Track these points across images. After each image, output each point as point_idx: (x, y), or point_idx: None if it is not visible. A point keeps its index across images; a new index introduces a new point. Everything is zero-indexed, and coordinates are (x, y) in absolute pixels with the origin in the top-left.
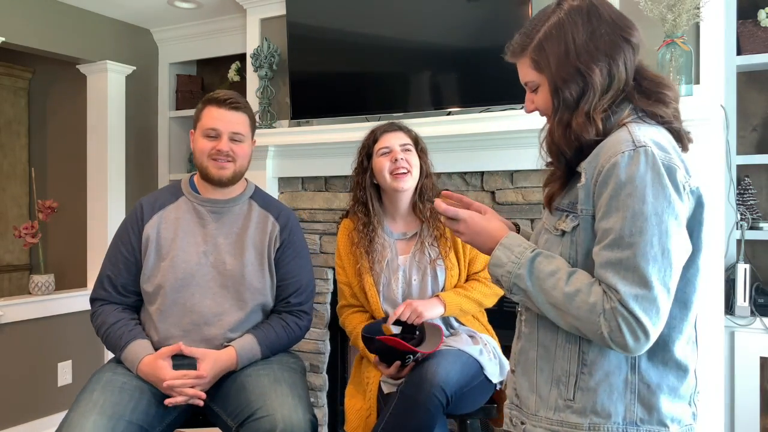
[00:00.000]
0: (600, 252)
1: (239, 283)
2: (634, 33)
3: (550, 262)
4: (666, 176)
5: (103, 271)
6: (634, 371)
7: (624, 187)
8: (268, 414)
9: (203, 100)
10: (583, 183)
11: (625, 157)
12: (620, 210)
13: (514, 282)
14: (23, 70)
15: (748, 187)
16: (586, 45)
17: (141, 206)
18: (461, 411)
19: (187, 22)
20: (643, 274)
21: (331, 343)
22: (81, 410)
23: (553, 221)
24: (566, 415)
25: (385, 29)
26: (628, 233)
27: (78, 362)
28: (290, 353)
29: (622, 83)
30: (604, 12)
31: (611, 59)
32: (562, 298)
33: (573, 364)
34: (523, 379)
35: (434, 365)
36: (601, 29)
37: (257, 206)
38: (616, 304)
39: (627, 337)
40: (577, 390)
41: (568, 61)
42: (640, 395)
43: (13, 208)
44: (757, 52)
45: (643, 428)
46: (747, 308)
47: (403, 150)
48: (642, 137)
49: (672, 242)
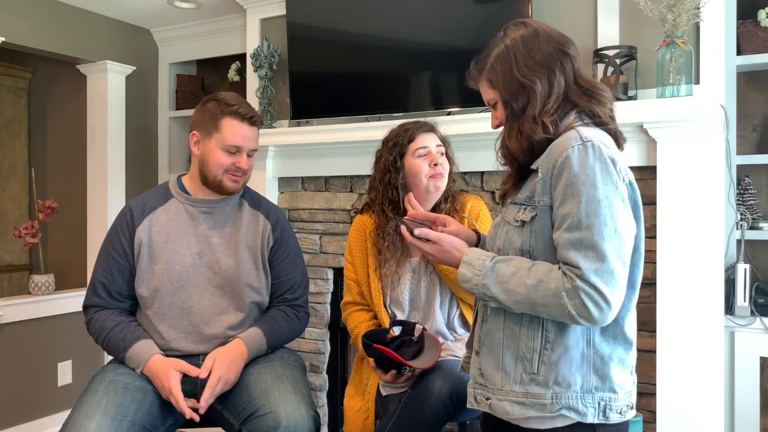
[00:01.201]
0: (561, 234)
1: (235, 282)
2: (569, 47)
3: (509, 265)
4: (611, 165)
5: (95, 277)
6: (590, 345)
7: (577, 176)
8: (271, 411)
9: (223, 109)
10: (540, 177)
11: (575, 150)
12: (575, 196)
13: (482, 292)
14: (23, 70)
15: (748, 187)
16: (525, 61)
17: (130, 210)
18: (460, 420)
19: (187, 22)
20: (600, 250)
21: (331, 343)
22: (84, 411)
23: (512, 213)
24: (531, 387)
25: (385, 29)
26: (584, 216)
27: (78, 362)
28: (290, 351)
29: (562, 88)
30: (542, 32)
31: (549, 70)
32: (527, 292)
33: (536, 341)
34: (489, 358)
35: (441, 379)
36: (538, 47)
37: (247, 205)
38: (576, 281)
39: (591, 310)
40: (541, 364)
41: (513, 77)
42: (594, 366)
43: (13, 208)
44: (757, 52)
45: (597, 395)
46: (747, 308)
47: (439, 153)
48: (588, 134)
49: (621, 222)
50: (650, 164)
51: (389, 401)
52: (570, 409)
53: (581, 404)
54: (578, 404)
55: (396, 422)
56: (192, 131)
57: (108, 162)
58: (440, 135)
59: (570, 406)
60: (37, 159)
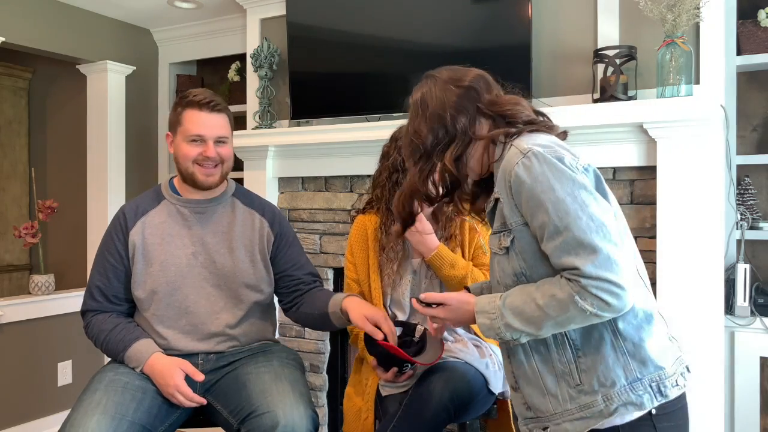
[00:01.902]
0: (546, 245)
1: (231, 281)
2: (465, 79)
3: (517, 296)
4: (558, 162)
5: (92, 282)
6: (617, 336)
7: (533, 188)
8: (269, 410)
9: (180, 102)
10: (504, 202)
11: (520, 165)
12: (541, 206)
13: (508, 333)
14: (23, 70)
15: (748, 187)
16: (424, 117)
17: (123, 214)
18: (461, 421)
19: (187, 22)
20: (587, 243)
21: (331, 343)
22: (84, 410)
23: (495, 244)
24: (581, 399)
25: (385, 29)
26: (557, 219)
27: (78, 362)
28: (289, 350)
29: (465, 127)
30: (439, 83)
31: (442, 121)
32: (545, 312)
33: (568, 353)
34: (531, 389)
35: (442, 381)
36: (432, 99)
37: (240, 204)
38: (581, 281)
39: (609, 300)
40: (581, 373)
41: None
42: (630, 354)
43: (13, 208)
44: (757, 52)
45: (645, 379)
46: (747, 308)
47: None
48: (525, 145)
49: (593, 207)
50: (650, 164)
51: (389, 402)
52: (626, 404)
53: (634, 395)
54: (631, 396)
55: (397, 424)
56: (167, 133)
57: (108, 162)
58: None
59: (624, 401)
60: (37, 159)
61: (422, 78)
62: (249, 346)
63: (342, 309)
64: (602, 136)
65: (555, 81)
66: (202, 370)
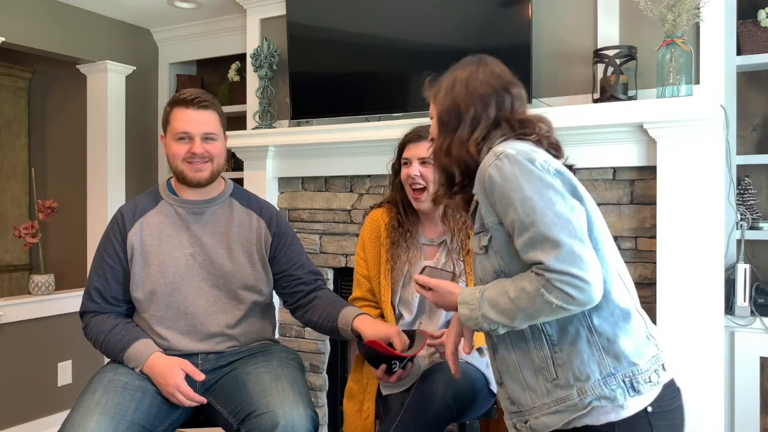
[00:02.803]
0: (516, 241)
1: (230, 281)
2: (513, 87)
3: (493, 288)
4: (528, 164)
5: (90, 283)
6: (592, 332)
7: (503, 187)
8: (269, 410)
9: (169, 102)
10: (481, 202)
11: (493, 167)
12: (511, 204)
13: (485, 323)
14: (23, 70)
15: (748, 187)
16: (466, 88)
17: (121, 215)
18: (462, 420)
19: (187, 22)
20: (551, 238)
21: (331, 343)
22: (83, 410)
23: (476, 244)
24: (557, 393)
25: (385, 29)
26: (524, 216)
27: (78, 362)
28: (289, 350)
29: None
30: (491, 69)
31: (484, 102)
32: (516, 305)
33: (545, 348)
34: (513, 384)
35: (445, 380)
36: (480, 79)
37: (238, 204)
38: (546, 274)
39: (572, 293)
40: (557, 368)
41: (452, 98)
42: (604, 349)
43: (13, 208)
44: (757, 52)
45: (619, 374)
46: (747, 308)
47: (422, 164)
48: (500, 149)
49: (558, 206)
50: (650, 164)
51: (390, 401)
52: (599, 398)
53: (607, 390)
54: (604, 390)
55: (399, 424)
56: (161, 134)
57: (108, 162)
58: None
59: (597, 395)
60: (37, 159)
61: (472, 58)
62: (248, 346)
63: (353, 329)
64: (602, 136)
65: (555, 81)
66: (202, 370)
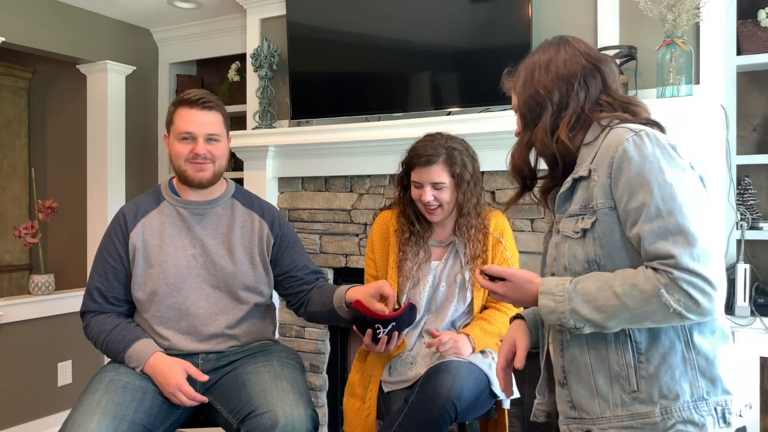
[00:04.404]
0: (642, 227)
1: (231, 282)
2: (603, 64)
3: (591, 281)
4: (671, 149)
5: (91, 283)
6: (689, 347)
7: (641, 165)
8: (269, 410)
9: (174, 102)
10: (597, 180)
11: (630, 142)
12: (645, 185)
13: (572, 319)
14: (23, 70)
15: (748, 187)
16: (548, 73)
17: (123, 215)
18: (463, 420)
19: (187, 22)
20: (689, 232)
21: (331, 343)
22: (84, 410)
23: (570, 227)
24: (635, 407)
25: (385, 29)
26: (661, 202)
27: (78, 362)
28: (289, 350)
29: (581, 103)
30: (573, 48)
31: (569, 84)
32: (623, 302)
33: (628, 355)
34: (580, 386)
35: (449, 380)
36: (564, 61)
37: (240, 205)
38: (673, 272)
39: (698, 298)
40: (640, 380)
41: (532, 86)
42: (700, 369)
43: (13, 208)
44: (757, 52)
45: (711, 400)
46: (747, 308)
47: (434, 188)
48: (637, 127)
49: (700, 200)
50: None
51: (392, 398)
52: (685, 422)
53: (696, 414)
54: (693, 415)
55: (403, 422)
56: (164, 134)
57: (108, 162)
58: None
59: (684, 418)
60: (37, 159)
61: (552, 40)
62: (249, 345)
63: (347, 303)
64: None
65: None
66: (203, 369)
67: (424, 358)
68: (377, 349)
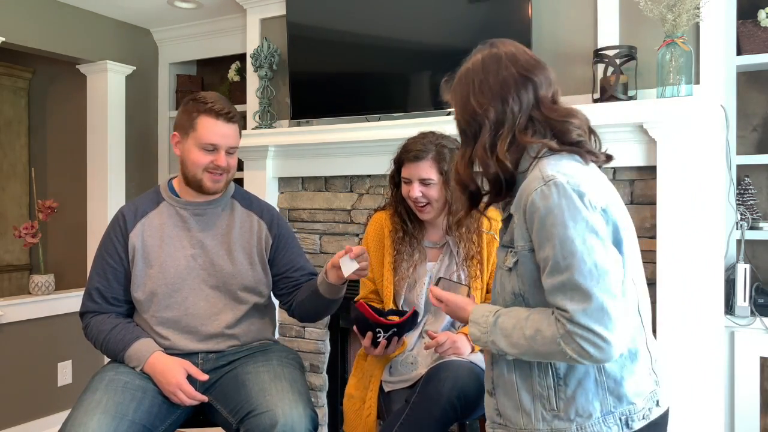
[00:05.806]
0: (546, 280)
1: (230, 283)
2: (535, 73)
3: (509, 318)
4: (578, 199)
5: (91, 284)
6: (601, 372)
7: (545, 218)
8: (268, 410)
9: (198, 108)
10: (517, 223)
11: (538, 192)
12: (549, 240)
13: (494, 349)
14: (23, 70)
15: (748, 187)
16: (481, 86)
17: (122, 215)
18: (464, 420)
19: (187, 22)
20: (584, 289)
21: (331, 343)
22: (84, 409)
23: (501, 258)
24: (555, 423)
25: (385, 29)
26: (561, 258)
27: (78, 362)
28: (289, 350)
29: (517, 118)
30: (506, 56)
31: (503, 98)
32: (529, 344)
33: (549, 379)
34: (506, 399)
35: (451, 380)
36: (497, 72)
37: (239, 205)
38: (568, 325)
39: (590, 350)
40: (559, 400)
41: (468, 101)
42: (609, 389)
43: (13, 208)
44: (757, 52)
45: (617, 412)
46: (747, 308)
47: (422, 183)
48: (550, 171)
49: (598, 255)
50: (650, 164)
51: (392, 398)
52: None
53: (605, 427)
54: (603, 428)
55: (404, 422)
56: (173, 132)
57: (108, 162)
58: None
59: (595, 431)
60: (37, 159)
61: (482, 47)
62: (248, 345)
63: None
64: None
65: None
66: (202, 369)
67: (424, 359)
68: (375, 353)
